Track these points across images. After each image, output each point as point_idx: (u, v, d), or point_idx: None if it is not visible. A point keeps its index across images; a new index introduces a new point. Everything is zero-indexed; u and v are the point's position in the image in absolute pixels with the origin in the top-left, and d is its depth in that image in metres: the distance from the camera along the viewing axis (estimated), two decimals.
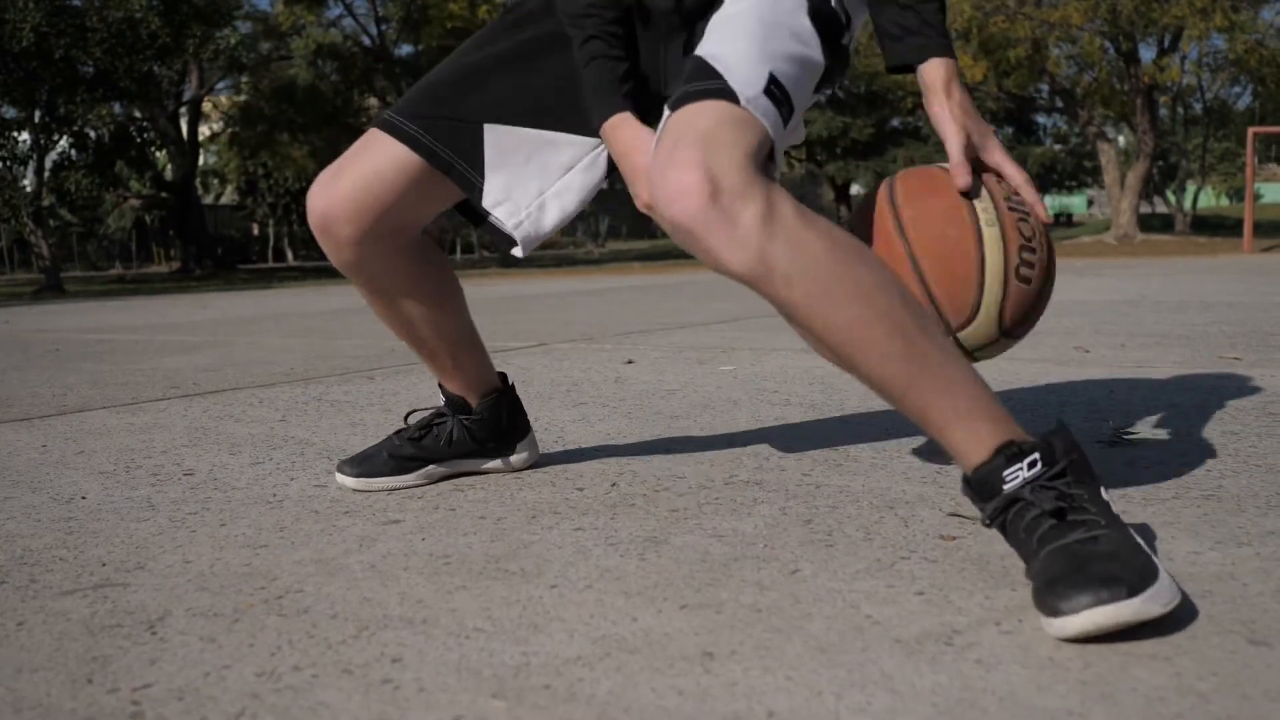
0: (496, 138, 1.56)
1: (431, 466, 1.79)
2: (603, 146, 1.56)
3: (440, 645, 1.07)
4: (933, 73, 1.33)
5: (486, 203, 1.57)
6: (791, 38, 1.34)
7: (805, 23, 1.37)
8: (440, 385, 1.80)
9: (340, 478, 1.76)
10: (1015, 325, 1.41)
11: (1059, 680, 0.94)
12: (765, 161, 1.24)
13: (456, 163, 1.56)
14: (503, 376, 1.85)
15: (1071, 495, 1.14)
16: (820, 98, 1.49)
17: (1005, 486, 1.16)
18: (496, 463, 1.85)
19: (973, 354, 1.42)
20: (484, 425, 1.80)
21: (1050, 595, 1.03)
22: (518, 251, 1.60)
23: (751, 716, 0.90)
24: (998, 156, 1.37)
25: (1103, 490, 1.19)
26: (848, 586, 1.21)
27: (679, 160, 1.16)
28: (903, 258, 1.37)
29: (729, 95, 1.23)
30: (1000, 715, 0.88)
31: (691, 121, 1.20)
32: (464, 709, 0.93)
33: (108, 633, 1.14)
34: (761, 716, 0.89)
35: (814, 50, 1.37)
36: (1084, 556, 1.07)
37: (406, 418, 1.86)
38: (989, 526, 1.18)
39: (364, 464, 1.76)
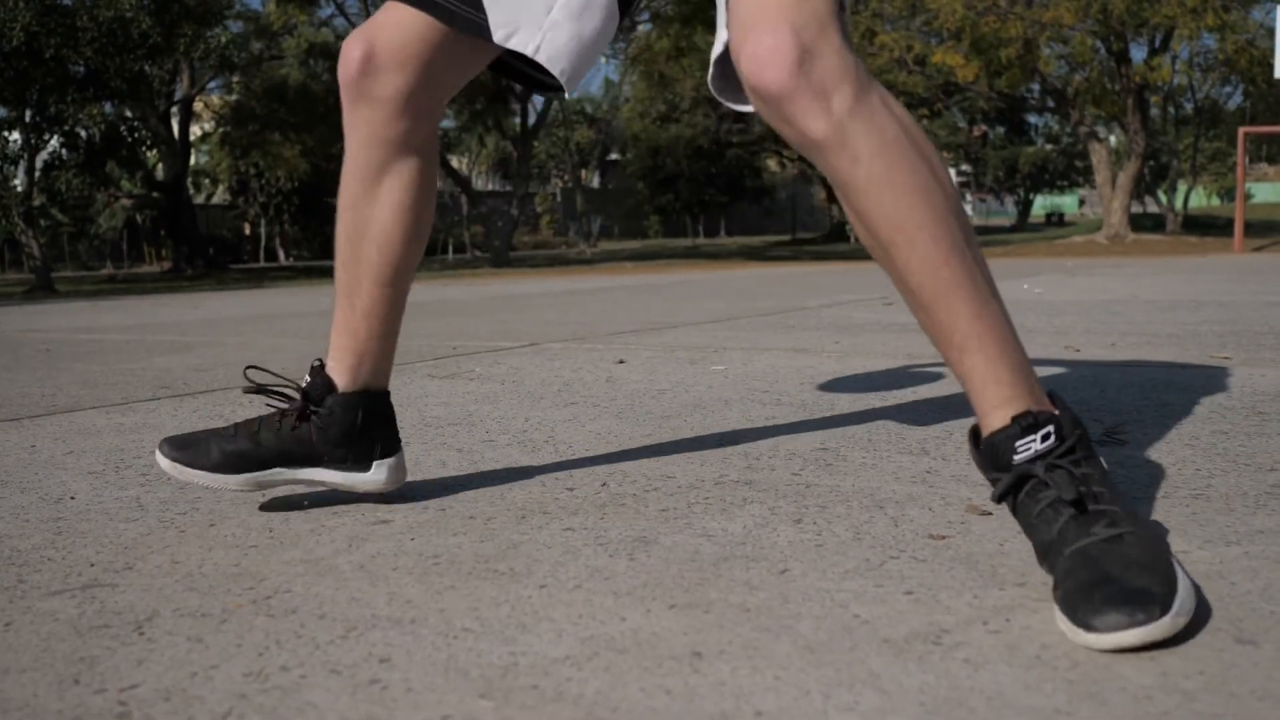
0: None
1: (262, 473, 1.55)
2: None
3: (428, 645, 1.07)
4: None
5: (498, 37, 1.43)
6: None
7: None
8: (319, 366, 1.58)
9: (158, 456, 1.55)
10: None
11: (1046, 679, 0.95)
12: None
13: (458, 9, 1.43)
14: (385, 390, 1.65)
15: (1085, 477, 1.13)
16: None
17: (1016, 457, 1.14)
18: (343, 477, 1.59)
19: None
20: (336, 423, 1.56)
21: (1084, 606, 1.01)
22: (562, 88, 1.50)
23: (739, 716, 0.90)
24: None
25: (1104, 463, 1.19)
26: (836, 586, 1.21)
27: (770, 14, 1.13)
28: None
29: None
30: (988, 714, 0.88)
31: None
32: (452, 709, 0.92)
33: (95, 633, 1.13)
34: (749, 716, 0.89)
35: None
36: (1114, 561, 1.05)
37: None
38: (997, 502, 1.17)
39: (188, 449, 1.54)
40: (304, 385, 1.57)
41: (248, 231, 36.07)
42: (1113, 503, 1.13)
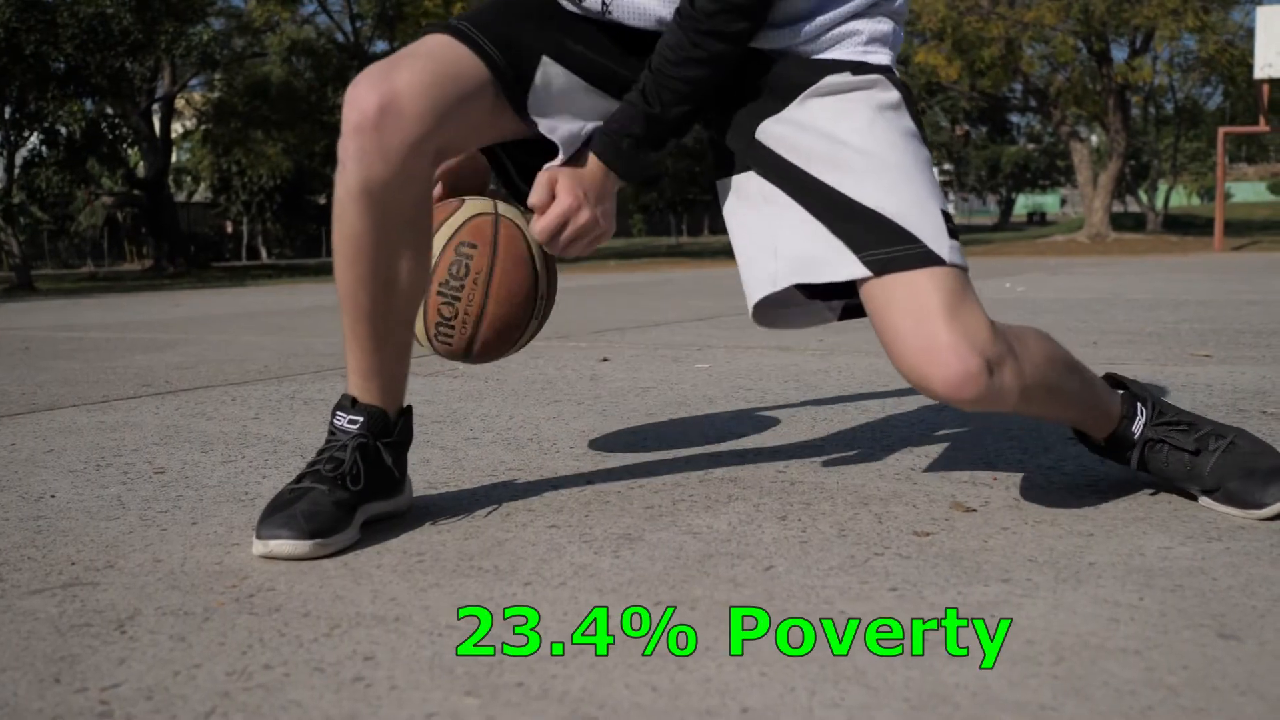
0: (549, 75, 1.42)
1: (360, 513, 1.45)
2: None
3: (413, 643, 1.07)
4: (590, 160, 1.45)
5: (543, 127, 1.42)
6: (917, 145, 1.41)
7: (909, 123, 1.41)
8: (351, 404, 1.49)
9: (282, 544, 1.35)
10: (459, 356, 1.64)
11: (1031, 674, 0.95)
12: None
13: (513, 81, 1.39)
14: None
15: (1175, 424, 1.50)
16: None
17: (1135, 438, 1.50)
18: (395, 502, 1.54)
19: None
20: (402, 448, 1.54)
21: (1249, 493, 1.42)
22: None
23: (725, 712, 0.89)
24: (558, 192, 1.44)
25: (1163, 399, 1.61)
26: (821, 583, 1.21)
27: (946, 343, 1.28)
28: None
29: (935, 260, 1.32)
30: (972, 709, 0.88)
31: (923, 295, 1.30)
32: (436, 706, 0.92)
33: (76, 632, 1.12)
34: (735, 712, 0.89)
35: (925, 145, 1.43)
36: (1244, 463, 1.45)
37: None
38: (1138, 468, 1.51)
39: (313, 519, 1.36)
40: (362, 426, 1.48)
41: (229, 229, 35.92)
42: (1208, 428, 1.50)
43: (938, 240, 1.33)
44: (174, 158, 28.80)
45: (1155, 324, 4.19)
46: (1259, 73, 16.28)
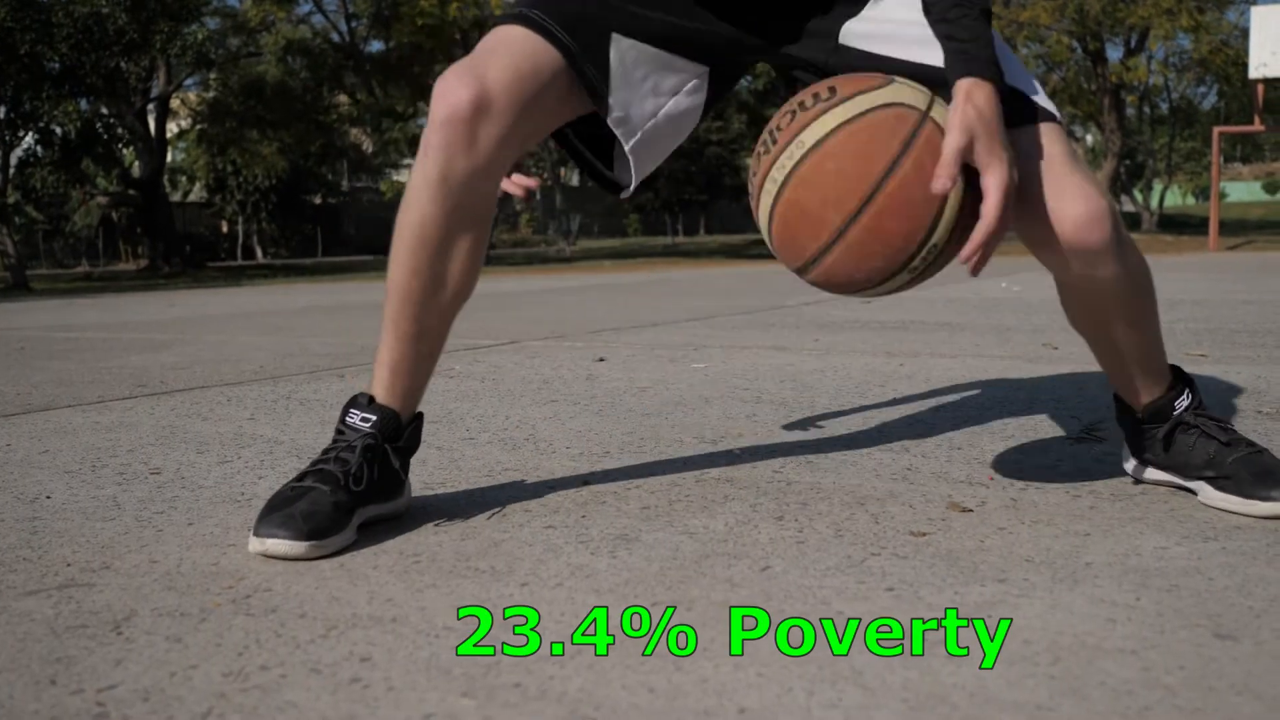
0: (622, 50, 1.44)
1: (358, 515, 1.45)
2: (705, 74, 1.51)
3: (410, 644, 1.06)
4: (958, 87, 1.30)
5: (612, 119, 1.44)
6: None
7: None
8: (368, 402, 1.50)
9: (279, 544, 1.35)
10: None
11: (1028, 675, 0.95)
12: None
13: (589, 65, 1.42)
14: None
15: (1216, 420, 1.52)
16: None
17: (1175, 414, 1.52)
18: (393, 505, 1.53)
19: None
20: (408, 454, 1.54)
21: (1258, 488, 1.42)
22: (625, 193, 1.54)
23: (722, 713, 0.89)
24: (989, 181, 1.26)
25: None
26: (818, 583, 1.21)
27: (1075, 188, 1.31)
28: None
29: (1048, 115, 1.36)
30: (970, 710, 0.89)
31: (1044, 144, 1.34)
32: (434, 707, 0.92)
33: (72, 633, 1.12)
34: (732, 713, 0.89)
35: None
36: (1266, 464, 1.45)
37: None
38: (1162, 442, 1.52)
39: (311, 520, 1.36)
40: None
41: (225, 229, 35.86)
42: (1240, 435, 1.51)
43: (1047, 101, 1.37)
44: (169, 157, 28.78)
45: None
46: (1254, 72, 16.31)
